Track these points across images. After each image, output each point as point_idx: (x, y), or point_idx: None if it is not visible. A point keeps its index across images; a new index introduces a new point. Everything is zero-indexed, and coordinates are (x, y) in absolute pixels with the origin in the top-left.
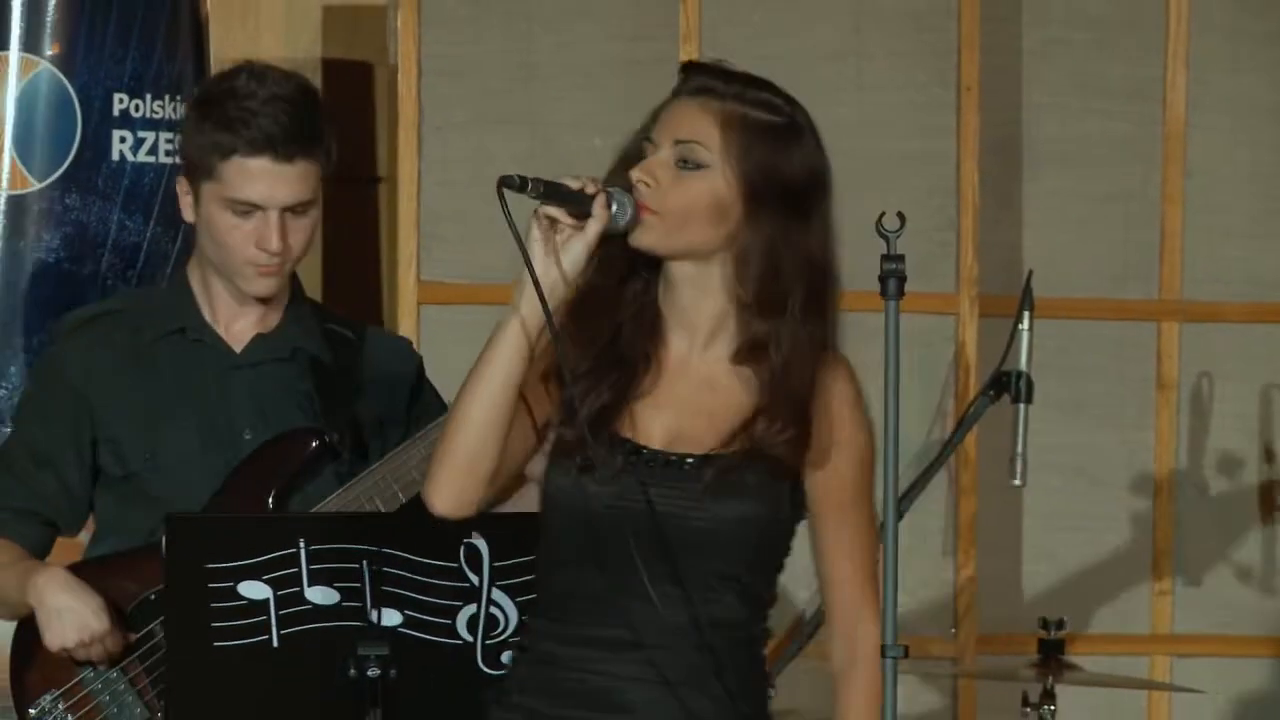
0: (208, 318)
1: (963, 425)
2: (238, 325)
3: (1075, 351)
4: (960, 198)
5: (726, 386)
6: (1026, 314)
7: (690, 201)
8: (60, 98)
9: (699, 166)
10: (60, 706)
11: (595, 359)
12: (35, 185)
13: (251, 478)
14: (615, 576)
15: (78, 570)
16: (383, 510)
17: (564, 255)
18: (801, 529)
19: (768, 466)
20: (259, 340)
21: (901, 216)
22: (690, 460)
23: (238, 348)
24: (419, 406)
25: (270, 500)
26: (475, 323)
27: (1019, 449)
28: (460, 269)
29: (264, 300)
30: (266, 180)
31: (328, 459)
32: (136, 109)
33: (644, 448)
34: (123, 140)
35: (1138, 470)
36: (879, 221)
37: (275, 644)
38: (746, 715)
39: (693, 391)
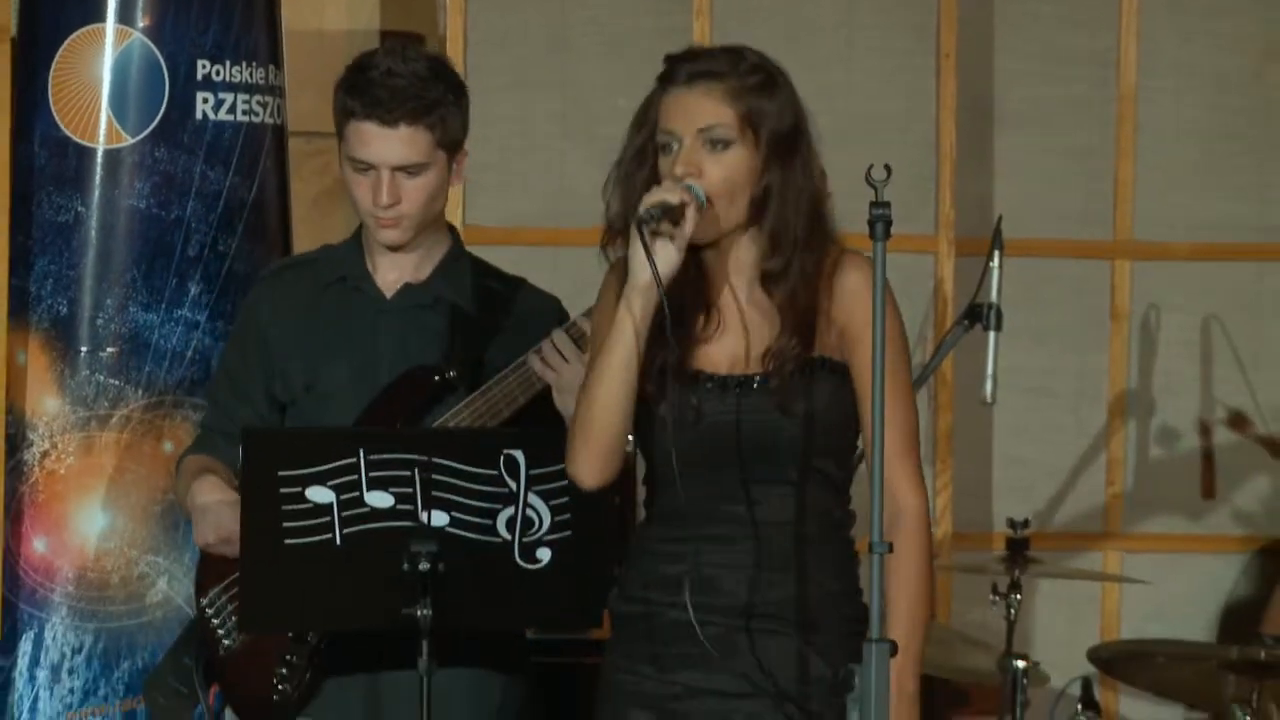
0: (369, 268)
1: (940, 350)
2: (392, 275)
3: (1039, 286)
4: (939, 152)
5: (760, 319)
6: (997, 253)
7: (729, 174)
8: (150, 64)
9: (727, 144)
10: (223, 598)
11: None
12: (129, 140)
13: (384, 408)
14: (715, 484)
15: None
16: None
17: (661, 256)
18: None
19: (825, 366)
20: (406, 289)
21: (888, 168)
22: (757, 378)
23: (389, 294)
24: None
25: (399, 427)
26: (513, 261)
27: (990, 371)
28: (500, 214)
29: (394, 249)
30: (376, 142)
31: (447, 392)
32: (217, 74)
33: (715, 375)
34: (205, 101)
35: (1093, 390)
36: (868, 173)
37: (338, 542)
38: (836, 593)
39: (739, 327)
